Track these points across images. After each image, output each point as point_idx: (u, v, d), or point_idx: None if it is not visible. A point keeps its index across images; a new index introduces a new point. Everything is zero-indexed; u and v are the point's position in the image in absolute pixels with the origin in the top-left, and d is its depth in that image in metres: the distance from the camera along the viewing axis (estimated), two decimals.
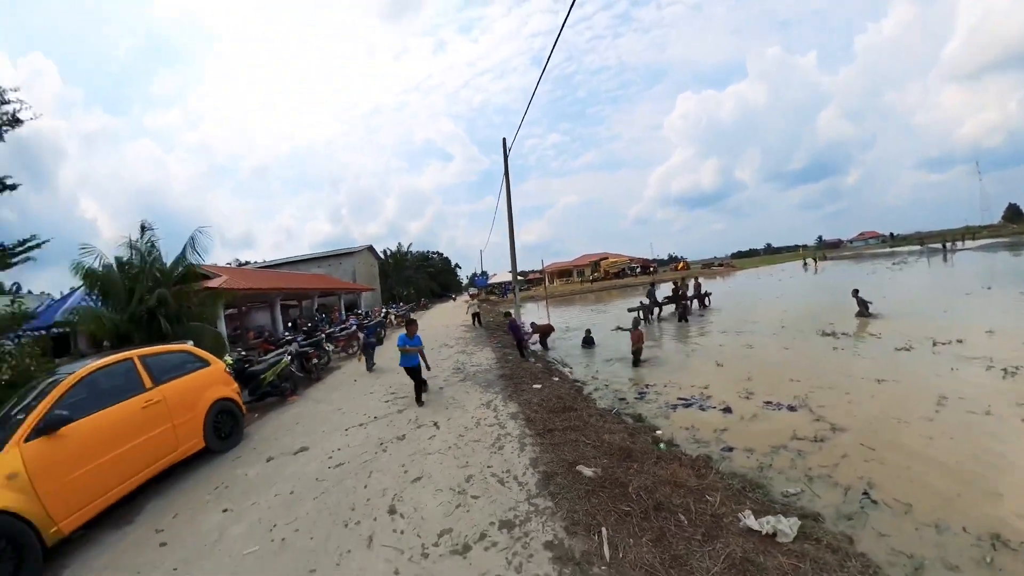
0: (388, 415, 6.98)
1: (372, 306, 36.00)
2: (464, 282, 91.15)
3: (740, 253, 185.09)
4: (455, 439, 5.54)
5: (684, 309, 16.91)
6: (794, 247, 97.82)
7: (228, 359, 8.47)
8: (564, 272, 69.13)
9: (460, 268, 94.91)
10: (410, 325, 7.63)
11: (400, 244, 64.33)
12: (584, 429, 5.47)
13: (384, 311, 27.14)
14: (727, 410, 6.74)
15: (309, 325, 19.84)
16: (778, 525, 3.18)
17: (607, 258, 62.54)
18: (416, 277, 59.74)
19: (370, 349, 11.60)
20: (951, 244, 51.06)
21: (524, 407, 6.53)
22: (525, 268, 69.67)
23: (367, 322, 17.67)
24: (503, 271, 57.39)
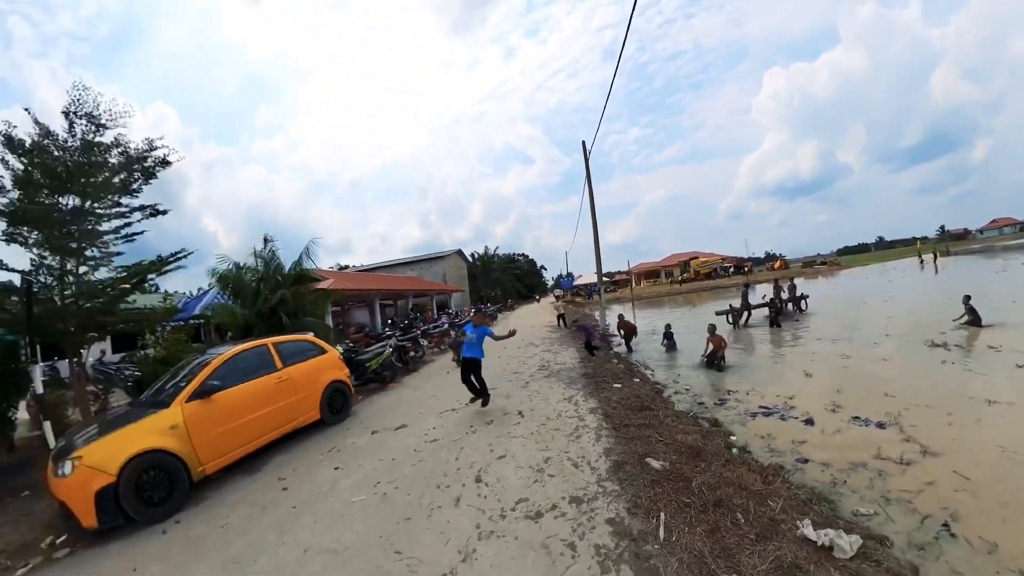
0: (477, 403, 7.48)
1: (461, 306, 37.61)
2: (550, 283, 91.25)
3: (847, 249, 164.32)
4: (537, 427, 5.96)
5: (776, 313, 15.93)
6: (911, 240, 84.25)
7: (339, 348, 9.62)
8: (651, 273, 66.83)
9: (545, 270, 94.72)
10: (477, 315, 7.64)
11: (487, 247, 65.65)
12: (658, 427, 5.62)
13: (473, 311, 28.33)
14: (809, 422, 6.42)
15: (405, 322, 21.32)
16: (837, 540, 3.08)
17: (697, 257, 59.83)
18: (502, 279, 60.77)
19: (459, 346, 12.50)
20: None
21: (603, 403, 6.80)
22: (611, 269, 68.21)
23: (457, 321, 18.74)
24: (589, 272, 56.90)
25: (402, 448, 5.75)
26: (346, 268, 51.02)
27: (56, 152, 7.70)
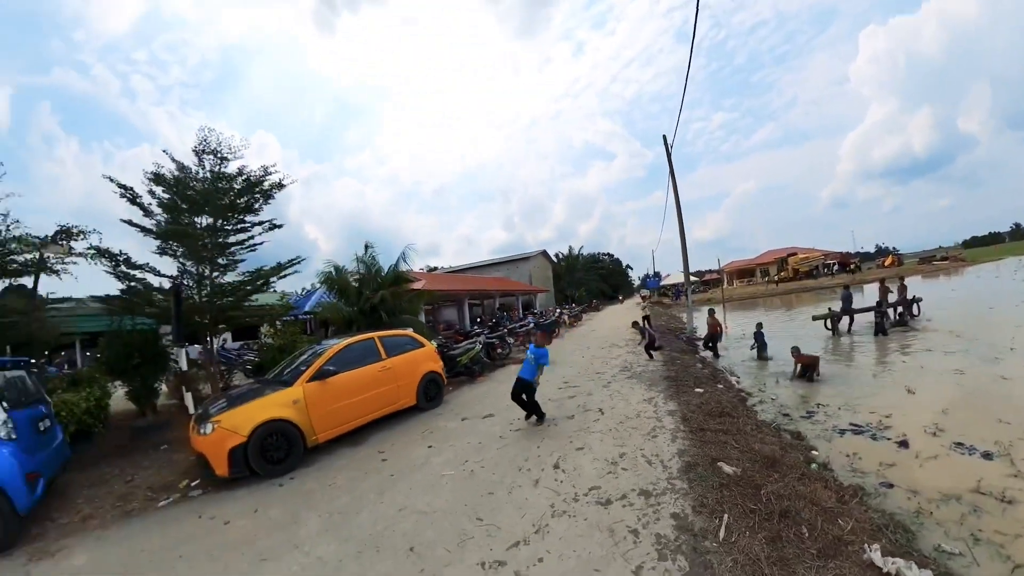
0: (560, 399, 7.91)
1: (546, 306, 38.07)
2: (636, 283, 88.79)
3: (975, 240, 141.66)
4: (616, 424, 6.20)
5: (882, 319, 14.05)
6: None
7: (433, 343, 10.50)
8: (745, 272, 62.54)
9: (631, 269, 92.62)
10: (539, 335, 7.12)
11: (570, 247, 64.37)
12: (736, 434, 5.60)
13: (558, 311, 28.71)
14: (903, 444, 5.86)
15: (493, 321, 22.14)
16: (906, 570, 2.92)
17: (795, 254, 54.11)
18: (587, 279, 59.43)
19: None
20: None
21: (683, 406, 6.87)
22: (700, 267, 64.92)
23: (543, 320, 19.22)
24: (677, 271, 54.47)
25: (488, 434, 6.28)
26: (435, 269, 53.36)
27: (191, 183, 9.38)
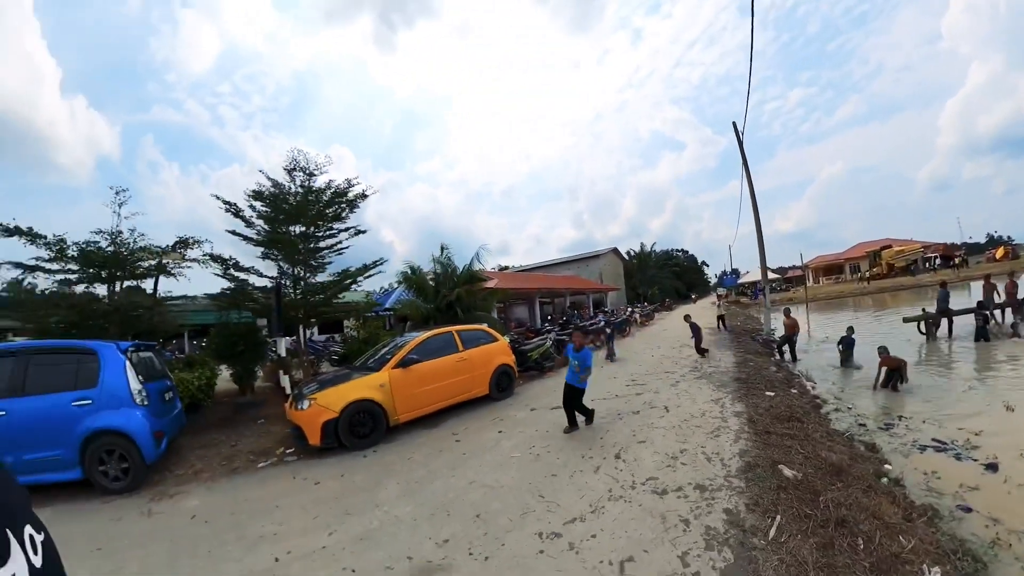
0: (627, 395, 8.12)
1: (617, 305, 37.66)
2: (712, 281, 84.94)
3: None
4: (680, 422, 6.33)
5: (985, 322, 12.22)
6: None
7: (506, 338, 11.02)
8: (832, 268, 56.77)
9: (707, 266, 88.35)
10: (575, 335, 6.65)
11: (642, 244, 62.37)
12: (803, 440, 5.49)
13: (629, 310, 28.43)
14: (992, 467, 5.25)
15: (564, 319, 22.40)
16: None
17: (889, 246, 47.10)
18: (659, 276, 57.03)
19: (612, 342, 13.14)
20: None
21: (750, 409, 6.84)
22: (782, 263, 59.93)
23: (613, 319, 19.24)
24: (757, 267, 50.95)
25: (555, 424, 6.62)
26: (506, 269, 53.89)
27: (286, 197, 10.72)
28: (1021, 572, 3.50)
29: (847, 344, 11.32)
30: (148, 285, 10.32)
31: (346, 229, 11.52)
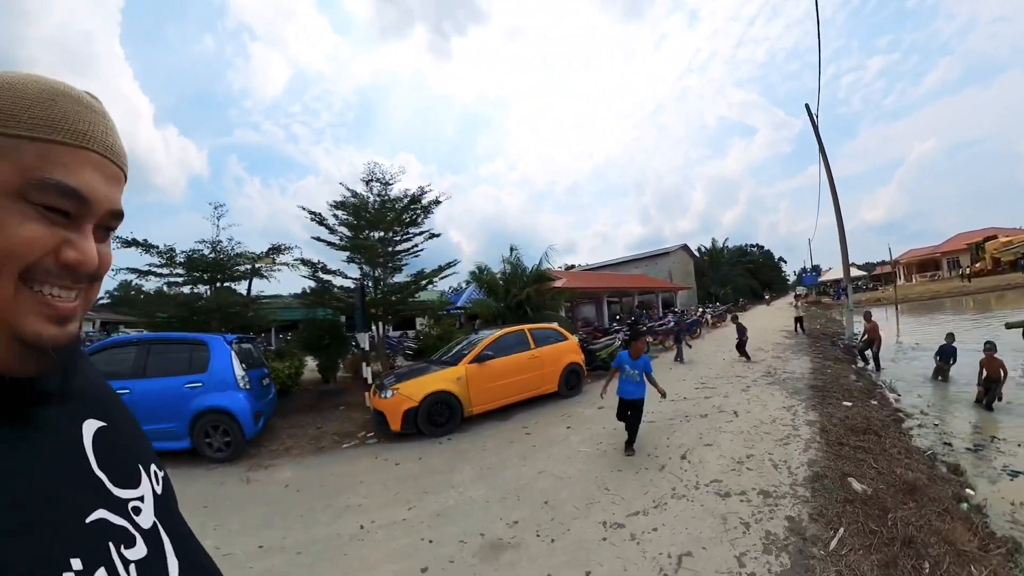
0: (695, 398, 8.12)
1: (688, 305, 36.52)
2: (790, 279, 79.89)
3: None
4: (749, 427, 6.30)
5: None
6: None
7: (575, 337, 11.29)
8: (926, 263, 49.41)
9: (785, 262, 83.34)
10: (635, 341, 5.86)
11: (714, 240, 58.51)
12: (878, 454, 5.28)
13: (700, 310, 27.63)
14: None
15: (632, 319, 22.23)
16: None
17: (995, 237, 39.01)
18: (732, 274, 53.46)
19: (682, 344, 13.02)
20: None
21: (824, 418, 6.66)
22: (869, 259, 53.93)
23: (684, 320, 18.87)
24: (839, 263, 46.55)
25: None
26: (572, 267, 53.37)
27: (367, 206, 11.61)
28: None
29: (945, 354, 10.22)
30: (243, 286, 11.72)
31: (421, 233, 12.32)
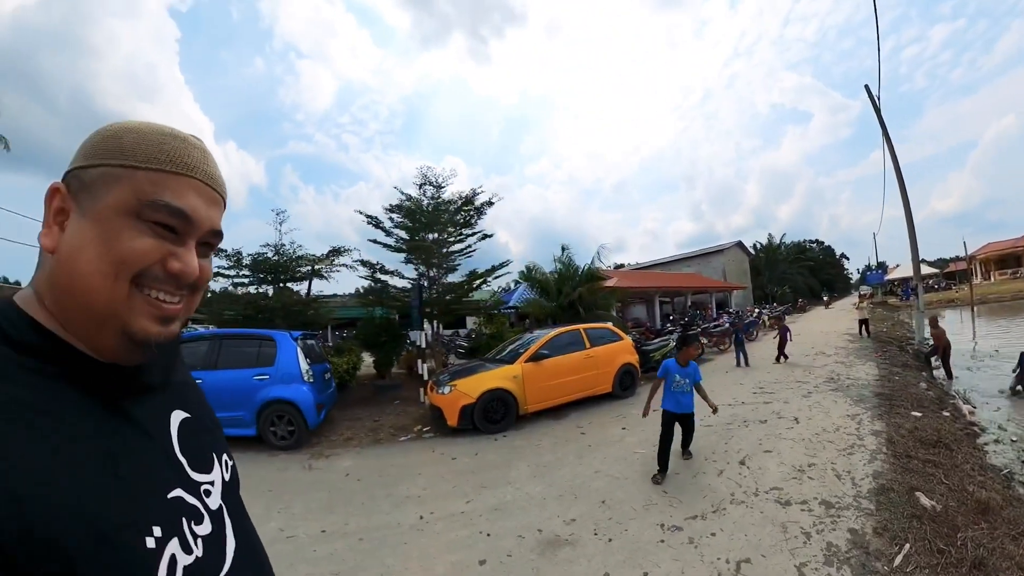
0: (754, 403, 7.94)
1: (743, 305, 35.29)
2: (854, 277, 75.82)
3: None
4: (811, 435, 6.14)
5: None
6: None
7: (629, 338, 11.30)
8: (1007, 258, 44.58)
9: (847, 259, 78.39)
10: (686, 346, 5.33)
11: (770, 236, 55.55)
12: (949, 470, 5.03)
13: (756, 311, 26.72)
14: None
15: (686, 320, 21.79)
16: None
17: None
18: (790, 273, 50.80)
19: (744, 347, 12.68)
20: None
21: (891, 428, 6.40)
22: (942, 254, 49.74)
23: (739, 321, 18.34)
24: (908, 259, 43.04)
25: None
26: (621, 267, 52.28)
27: (424, 209, 12.07)
28: None
29: None
30: (303, 286, 12.46)
31: (474, 234, 12.71)
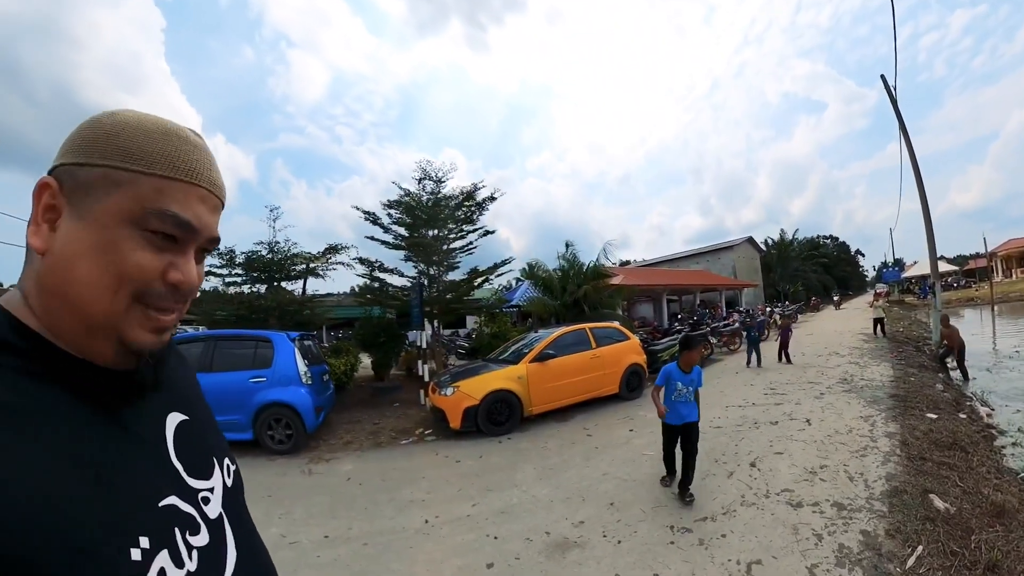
0: (765, 404, 7.81)
1: (754, 303, 34.87)
2: (870, 274, 74.47)
3: None
4: (823, 437, 6.02)
5: None
6: None
7: (636, 338, 11.17)
8: None
9: (862, 255, 76.76)
10: (688, 350, 4.63)
11: (782, 231, 53.53)
12: (964, 472, 4.94)
13: (768, 309, 26.38)
14: None
15: (694, 319, 21.40)
16: None
17: None
18: (803, 270, 49.59)
19: (758, 347, 12.46)
20: None
21: (905, 430, 6.26)
22: (961, 251, 48.90)
23: (749, 320, 18.08)
24: (925, 256, 42.19)
25: None
26: (627, 263, 51.54)
27: (423, 205, 11.82)
28: None
29: None
30: (297, 285, 12.26)
31: (475, 230, 12.47)
